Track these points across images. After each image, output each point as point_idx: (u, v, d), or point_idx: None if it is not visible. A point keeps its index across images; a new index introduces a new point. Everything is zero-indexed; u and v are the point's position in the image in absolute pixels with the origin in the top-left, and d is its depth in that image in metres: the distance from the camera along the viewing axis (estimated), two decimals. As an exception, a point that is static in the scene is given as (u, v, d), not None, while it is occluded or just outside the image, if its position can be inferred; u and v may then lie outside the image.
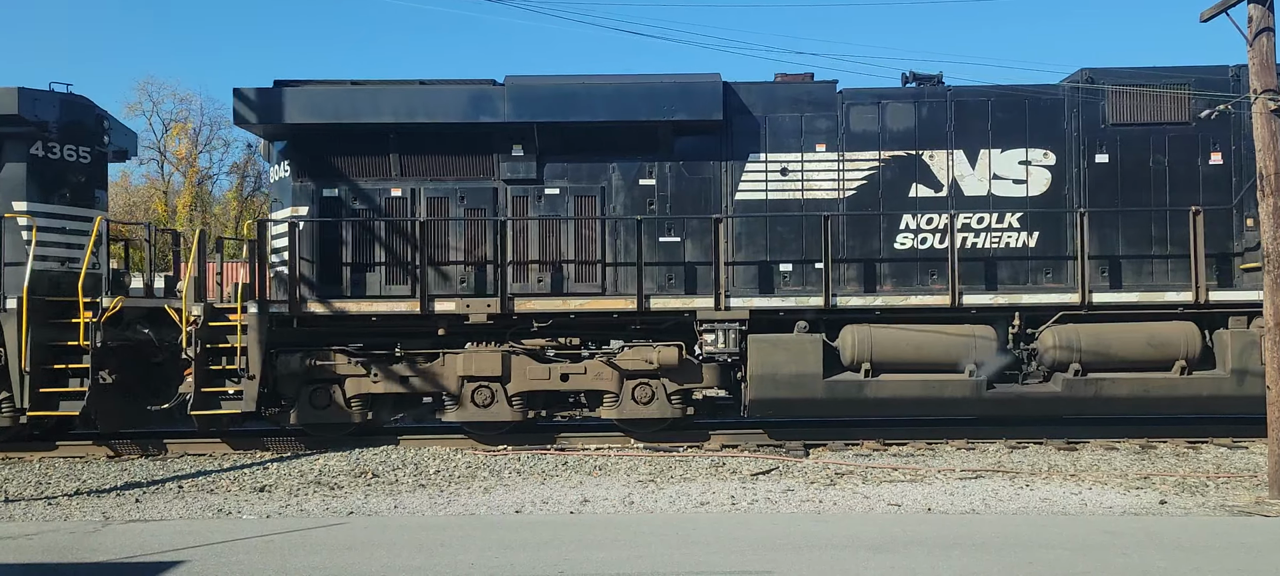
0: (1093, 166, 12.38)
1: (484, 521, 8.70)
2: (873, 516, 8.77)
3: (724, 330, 12.05)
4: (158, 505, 9.62)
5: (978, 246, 12.35)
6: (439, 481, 10.68)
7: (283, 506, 9.46)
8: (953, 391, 11.95)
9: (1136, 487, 10.01)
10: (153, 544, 7.67)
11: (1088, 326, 11.96)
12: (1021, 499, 9.48)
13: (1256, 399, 11.73)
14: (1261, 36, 9.48)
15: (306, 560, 7.12)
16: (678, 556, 7.17)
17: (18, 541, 7.98)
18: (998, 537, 7.72)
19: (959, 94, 12.54)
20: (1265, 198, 9.56)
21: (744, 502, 9.38)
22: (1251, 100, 9.66)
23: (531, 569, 6.81)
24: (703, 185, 12.59)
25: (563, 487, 10.20)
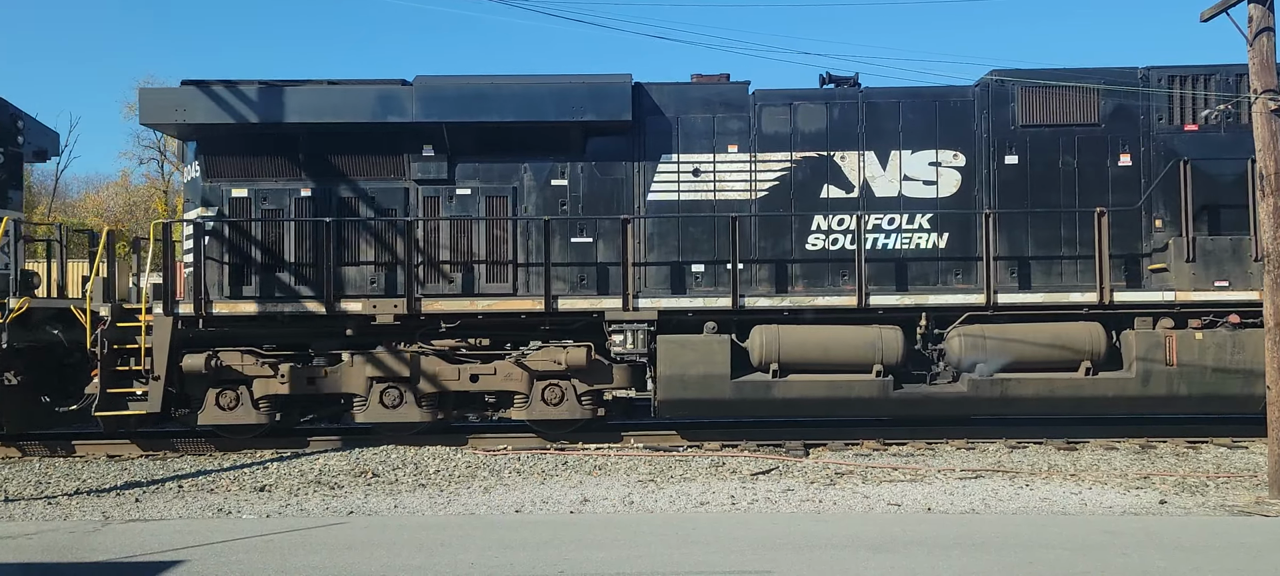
0: (1002, 167, 12.41)
1: (484, 521, 8.70)
2: (872, 516, 8.77)
3: (633, 331, 12.08)
4: (157, 505, 9.62)
5: (888, 247, 12.38)
6: (439, 481, 10.68)
7: (283, 506, 9.46)
8: (860, 391, 12.00)
9: (1136, 487, 10.01)
10: (152, 543, 7.67)
11: (994, 327, 12.01)
12: (1021, 498, 9.48)
13: (1160, 399, 11.91)
14: (1262, 36, 9.48)
15: (306, 559, 7.12)
16: (678, 556, 7.17)
17: (17, 541, 7.98)
18: (997, 537, 7.72)
19: (870, 95, 12.57)
20: (1265, 197, 9.56)
21: (744, 502, 9.38)
22: (1252, 100, 9.65)
23: (531, 568, 6.81)
24: (615, 186, 12.57)
25: (562, 487, 10.20)
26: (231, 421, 12.27)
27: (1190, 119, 12.34)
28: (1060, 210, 12.32)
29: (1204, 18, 10.24)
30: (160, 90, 12.33)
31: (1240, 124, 12.17)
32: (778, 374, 11.97)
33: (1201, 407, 12.33)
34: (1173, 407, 12.29)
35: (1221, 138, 12.29)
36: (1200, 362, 11.83)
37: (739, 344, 12.09)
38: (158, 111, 12.51)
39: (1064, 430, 12.64)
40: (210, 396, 12.22)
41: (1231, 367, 11.83)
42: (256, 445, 12.37)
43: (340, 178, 12.59)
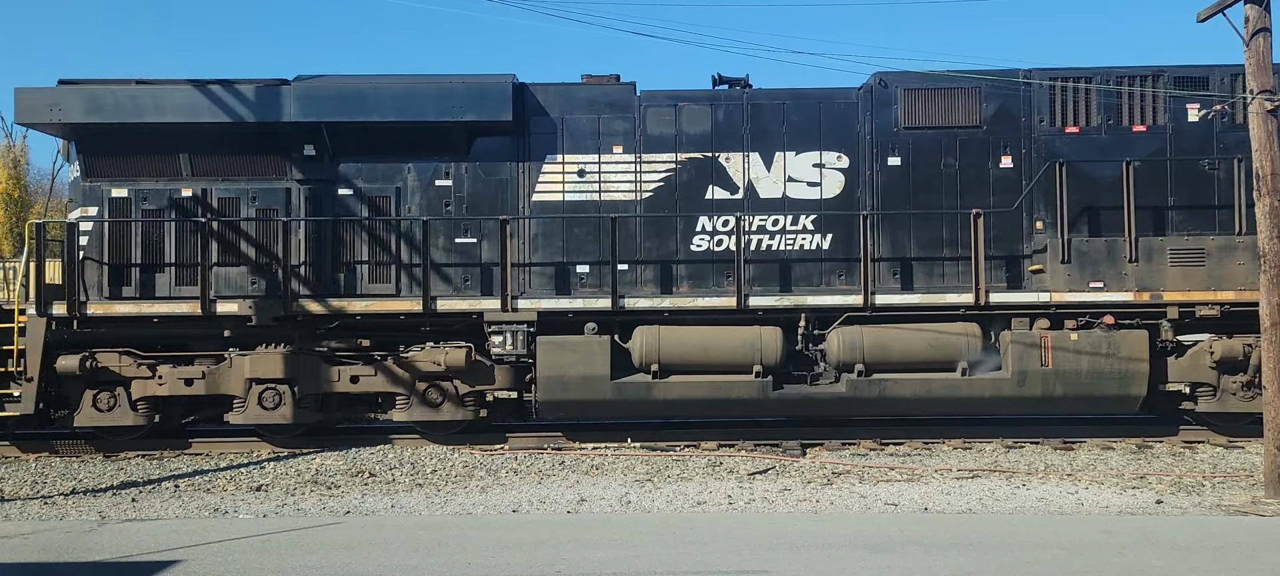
0: (885, 169, 12.40)
1: (481, 521, 8.70)
2: (869, 516, 8.78)
3: (512, 332, 12.06)
4: (154, 504, 9.61)
5: (773, 248, 12.36)
6: (436, 481, 10.68)
7: (279, 505, 9.45)
8: (740, 392, 12.01)
9: (1133, 487, 10.03)
10: (149, 543, 7.66)
11: (872, 328, 12.02)
12: (1018, 498, 9.49)
13: (1037, 399, 11.97)
14: (1258, 37, 9.49)
15: (303, 559, 7.12)
16: (675, 556, 7.17)
17: (14, 541, 7.97)
18: (994, 537, 7.73)
19: (755, 97, 12.55)
20: (1262, 198, 9.57)
21: (741, 502, 9.38)
22: (1248, 100, 9.66)
23: (529, 568, 6.81)
24: (500, 186, 12.49)
25: (560, 487, 10.20)
26: (109, 422, 12.15)
27: (1071, 121, 12.35)
28: (939, 212, 12.31)
29: (1201, 18, 10.24)
30: (35, 90, 12.12)
31: (1120, 126, 12.27)
32: (658, 375, 11.97)
33: (1078, 408, 12.34)
34: (1050, 408, 12.30)
35: (1102, 140, 12.29)
36: (1075, 364, 11.86)
37: (622, 345, 12.09)
38: (33, 111, 12.27)
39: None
40: (87, 398, 12.12)
41: (1106, 369, 11.87)
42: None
43: (221, 178, 12.49)
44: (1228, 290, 11.97)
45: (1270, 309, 9.50)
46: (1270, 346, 9.49)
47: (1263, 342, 9.63)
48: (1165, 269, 12.07)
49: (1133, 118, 12.29)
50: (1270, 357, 9.49)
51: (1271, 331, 9.48)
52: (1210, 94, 12.18)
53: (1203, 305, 11.95)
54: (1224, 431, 12.41)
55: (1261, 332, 9.66)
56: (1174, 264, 12.08)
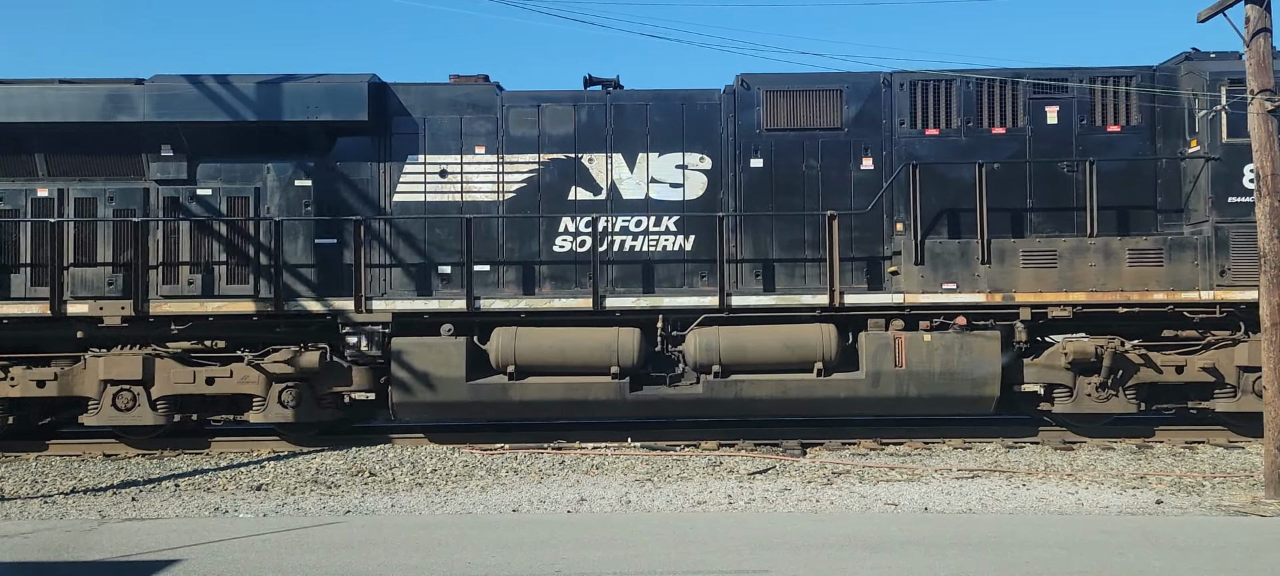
0: (748, 170, 12.35)
1: (481, 520, 8.70)
2: (869, 516, 8.78)
3: (367, 333, 12.05)
4: (154, 503, 9.61)
5: (635, 250, 12.32)
6: (436, 480, 10.68)
7: (279, 505, 9.45)
8: (597, 393, 12.00)
9: (1133, 487, 10.02)
10: (149, 542, 7.66)
11: (729, 329, 12.01)
12: (1018, 498, 9.48)
13: (891, 400, 12.04)
14: (1258, 37, 9.48)
15: (303, 559, 7.12)
16: (675, 555, 7.17)
17: (14, 539, 7.97)
18: (994, 537, 7.73)
19: (618, 98, 12.52)
20: (1262, 198, 9.57)
21: (741, 502, 9.38)
22: (1249, 100, 9.66)
23: (529, 568, 6.81)
24: (361, 186, 12.38)
25: (560, 486, 10.20)
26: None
27: (931, 123, 12.36)
28: (795, 213, 12.30)
29: (1201, 18, 10.24)
30: None
31: (980, 129, 12.30)
32: (515, 376, 11.96)
33: (933, 408, 12.33)
34: (905, 408, 12.27)
35: (962, 142, 12.30)
36: (928, 364, 11.87)
37: (480, 347, 12.10)
38: None
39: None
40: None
41: (959, 369, 11.90)
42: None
43: (78, 178, 12.33)
44: (1079, 291, 12.02)
45: (1270, 309, 9.50)
46: (1270, 347, 9.49)
47: (1263, 343, 9.63)
48: (1017, 270, 12.06)
49: (992, 120, 12.31)
50: (1270, 358, 9.49)
51: (1272, 331, 9.48)
52: (1068, 96, 12.25)
53: (1054, 307, 12.02)
54: (1080, 431, 12.49)
55: (1262, 332, 9.66)
56: (1026, 265, 12.08)
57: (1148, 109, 12.26)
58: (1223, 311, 11.98)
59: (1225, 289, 11.87)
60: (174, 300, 12.14)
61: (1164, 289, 11.98)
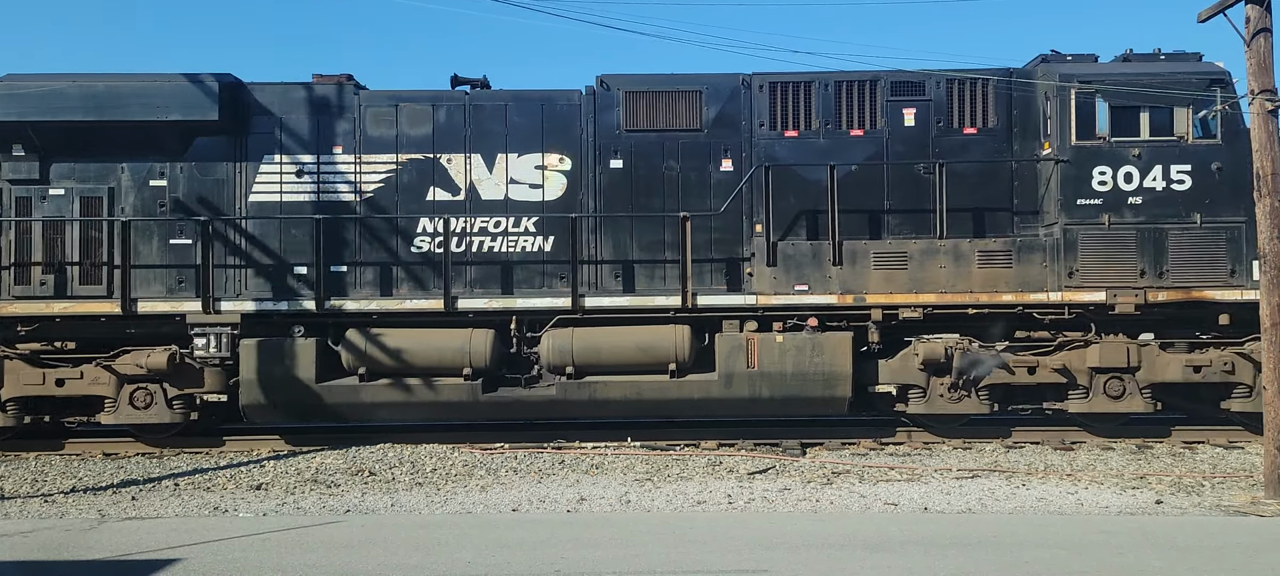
0: (607, 172, 12.33)
1: (481, 520, 8.70)
2: (869, 515, 8.78)
3: (216, 334, 11.98)
4: (154, 503, 9.61)
5: (494, 250, 12.27)
6: (436, 479, 10.68)
7: (279, 504, 9.45)
8: (449, 394, 11.99)
9: (1133, 487, 10.02)
10: (149, 541, 7.67)
11: (583, 331, 12.01)
12: (1018, 498, 9.49)
13: (745, 401, 12.07)
14: (1259, 37, 9.47)
15: (303, 558, 7.12)
16: (674, 555, 7.17)
17: (13, 538, 7.97)
18: (994, 537, 7.73)
19: (477, 98, 12.49)
20: (1263, 199, 9.56)
21: (741, 501, 9.38)
22: (1249, 100, 9.65)
23: (528, 567, 6.82)
24: (217, 186, 12.28)
25: (560, 486, 10.20)
26: None
27: (791, 125, 12.36)
28: (650, 215, 12.23)
29: (1201, 18, 10.23)
30: None
31: (839, 131, 12.32)
32: (366, 378, 11.92)
33: (786, 409, 12.35)
34: (759, 409, 12.26)
35: (820, 144, 12.30)
36: (780, 365, 11.89)
37: (334, 348, 12.05)
38: None
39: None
40: None
41: (811, 370, 11.91)
42: None
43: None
44: (929, 293, 12.04)
45: (1270, 309, 9.50)
46: (1271, 347, 9.49)
47: (1263, 343, 9.63)
48: (868, 272, 12.07)
49: (852, 122, 12.30)
50: (1271, 358, 9.49)
51: (1272, 331, 9.48)
52: (925, 99, 12.26)
53: (905, 308, 12.04)
54: (937, 432, 12.51)
55: (1262, 333, 9.66)
56: (877, 267, 12.09)
57: (1005, 111, 12.27)
58: (1071, 312, 12.03)
59: (1073, 290, 11.91)
60: (25, 301, 12.03)
61: (1012, 290, 12.00)
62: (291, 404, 12.09)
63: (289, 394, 11.94)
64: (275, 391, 11.92)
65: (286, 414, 12.32)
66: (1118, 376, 12.02)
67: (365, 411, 12.29)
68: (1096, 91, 11.91)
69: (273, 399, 11.96)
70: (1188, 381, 11.95)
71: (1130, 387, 12.02)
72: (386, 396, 12.05)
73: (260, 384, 11.86)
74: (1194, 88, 11.85)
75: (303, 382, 11.89)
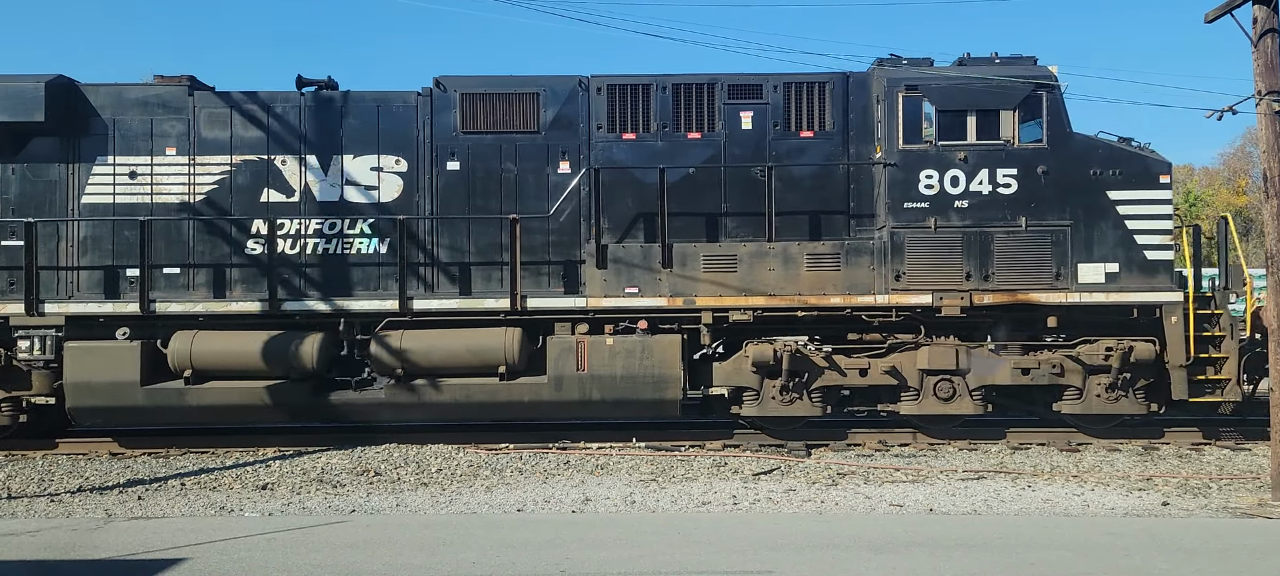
0: (444, 173, 12.35)
1: (486, 520, 8.71)
2: (874, 516, 8.77)
3: (40, 337, 11.97)
4: (160, 503, 9.63)
5: (329, 252, 12.27)
6: (441, 480, 10.69)
7: (285, 504, 9.47)
8: (278, 397, 12.00)
9: (1139, 489, 10.00)
10: (155, 541, 7.68)
11: (413, 333, 12.00)
12: (1023, 499, 9.47)
13: (574, 403, 12.09)
14: (1266, 38, 9.44)
15: (309, 558, 7.13)
16: (679, 556, 7.17)
17: (20, 538, 8.00)
18: (999, 538, 7.72)
19: (312, 100, 12.47)
20: (1270, 199, 9.53)
21: (746, 502, 9.38)
22: (1256, 101, 9.62)
23: (533, 568, 6.82)
24: (49, 188, 12.25)
25: (565, 486, 10.20)
26: None
27: (629, 127, 12.32)
28: (480, 216, 12.25)
29: (1208, 19, 10.21)
30: None
31: (677, 133, 12.28)
32: (193, 380, 11.90)
33: (617, 411, 12.36)
34: (591, 411, 12.32)
35: (658, 146, 12.28)
36: (610, 368, 11.92)
37: (162, 350, 12.02)
38: None
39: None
40: None
41: (641, 372, 11.91)
42: None
43: None
44: (759, 296, 12.05)
45: (1277, 310, 9.46)
46: (1278, 348, 9.46)
47: (1270, 345, 9.60)
48: (699, 275, 12.11)
49: (690, 125, 12.29)
50: (1278, 360, 9.46)
51: (1279, 333, 9.45)
52: (763, 102, 12.22)
53: (735, 310, 12.04)
54: (775, 434, 12.50)
55: (1269, 335, 9.63)
56: (707, 270, 12.11)
57: (842, 115, 12.27)
58: (899, 315, 12.07)
59: (900, 293, 11.96)
60: None
61: (841, 293, 12.04)
62: (116, 407, 12.01)
63: (113, 397, 11.90)
64: (100, 395, 11.89)
65: (110, 417, 12.26)
66: (948, 378, 12.05)
67: (192, 415, 12.24)
68: (923, 95, 11.96)
69: (98, 402, 11.94)
70: (1017, 383, 12.03)
71: (960, 389, 12.06)
72: (211, 399, 12.00)
73: (85, 387, 11.85)
74: (1020, 92, 11.91)
75: (127, 386, 11.84)
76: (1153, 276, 11.90)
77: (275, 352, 11.91)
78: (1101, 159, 11.99)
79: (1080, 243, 11.90)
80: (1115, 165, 11.96)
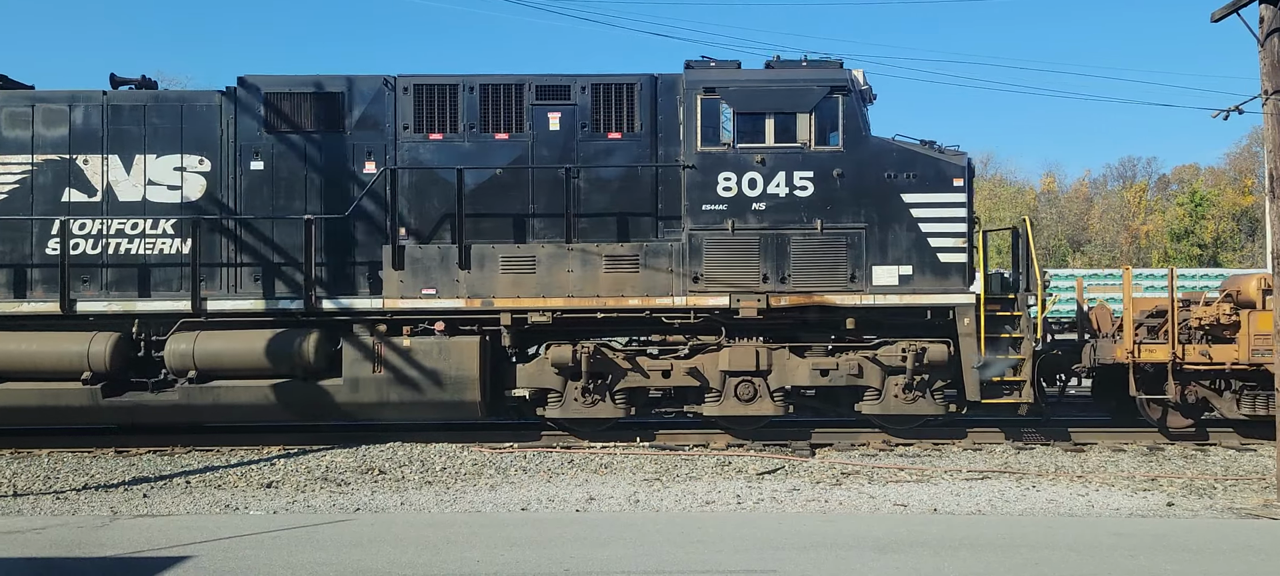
0: (248, 173, 12.30)
1: (490, 519, 8.72)
2: (878, 516, 8.76)
3: None
4: (166, 500, 9.66)
5: (132, 252, 12.24)
6: (445, 478, 10.71)
7: (290, 502, 9.49)
8: (70, 399, 11.89)
9: (1144, 489, 9.98)
10: (160, 539, 7.70)
11: (206, 334, 11.94)
12: (1028, 500, 9.46)
13: (371, 404, 12.03)
14: (1273, 37, 9.41)
15: (313, 556, 7.14)
16: (683, 555, 7.17)
17: (26, 535, 8.02)
18: (1004, 538, 7.71)
19: (115, 99, 12.41)
20: (1275, 200, 9.50)
21: (750, 502, 9.38)
22: (1263, 101, 9.59)
23: (537, 567, 6.82)
24: None
25: (569, 485, 10.21)
26: None
27: (436, 128, 12.28)
28: (281, 216, 12.19)
29: (1215, 18, 10.18)
30: None
31: (484, 134, 12.27)
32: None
33: (415, 413, 12.28)
34: (388, 413, 12.22)
35: (465, 147, 12.26)
36: (407, 369, 11.90)
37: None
38: None
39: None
40: None
41: (439, 374, 11.89)
42: None
43: None
44: (557, 297, 12.03)
45: None
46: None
47: (1276, 346, 9.57)
48: (497, 276, 12.07)
49: (497, 126, 12.27)
50: None
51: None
52: (570, 103, 12.20)
53: (534, 312, 12.02)
54: (582, 435, 12.52)
55: (1275, 336, 9.60)
56: (506, 271, 12.08)
57: (650, 117, 12.23)
58: (697, 317, 12.06)
59: (697, 295, 11.97)
60: None
61: (640, 295, 12.01)
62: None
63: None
64: None
65: None
66: (749, 380, 12.06)
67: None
68: (721, 98, 11.98)
69: None
70: (817, 384, 12.08)
71: (762, 391, 12.08)
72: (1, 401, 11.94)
73: None
74: (815, 95, 11.94)
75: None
76: (946, 278, 11.96)
77: (66, 354, 11.83)
78: (896, 162, 12.03)
79: (875, 245, 11.96)
80: (909, 168, 12.01)
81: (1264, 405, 11.96)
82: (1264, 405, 11.96)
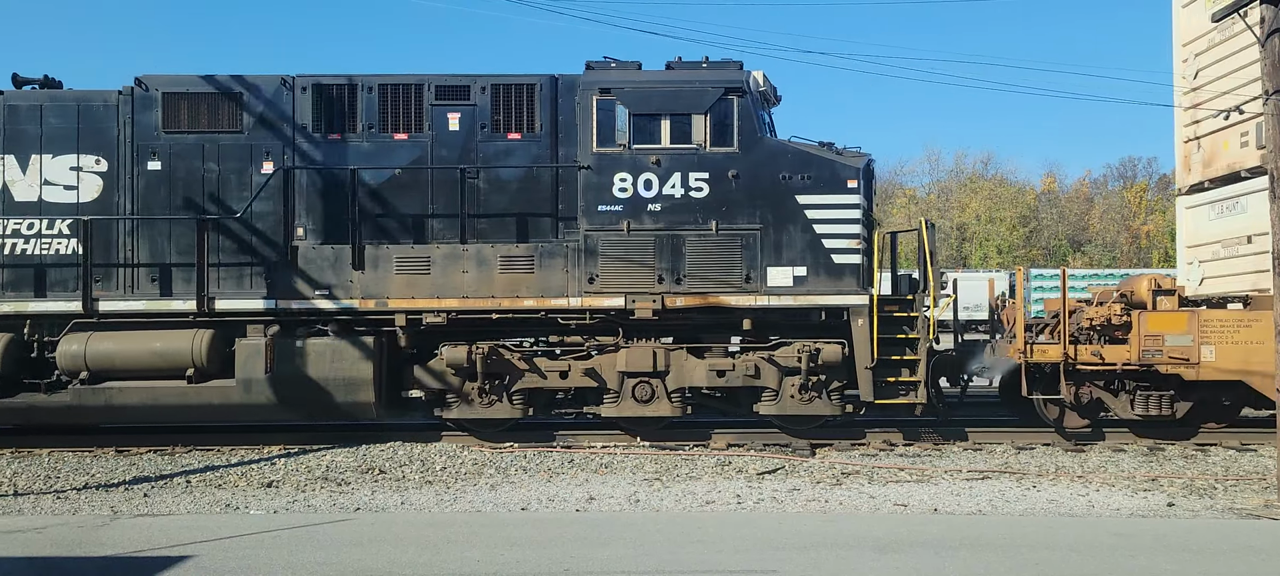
0: (145, 174, 12.22)
1: (490, 518, 8.72)
2: (879, 516, 8.76)
3: None
4: (166, 500, 9.66)
5: (28, 253, 12.17)
6: (445, 478, 10.71)
7: (290, 502, 9.49)
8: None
9: (1144, 489, 9.98)
10: (161, 538, 7.70)
11: (98, 335, 11.91)
12: (1028, 500, 9.45)
13: (265, 405, 12.01)
14: (1273, 37, 9.40)
15: (313, 556, 7.15)
16: (683, 555, 7.17)
17: (26, 534, 8.02)
18: (1004, 539, 7.70)
19: (11, 99, 12.35)
20: (1275, 200, 9.50)
21: (750, 502, 9.38)
22: (1264, 101, 9.59)
23: (537, 566, 6.83)
24: None
25: (569, 485, 10.21)
26: None
27: (334, 128, 12.26)
28: (175, 217, 12.15)
29: (1215, 18, 10.19)
30: None
31: (383, 134, 12.23)
32: None
33: (311, 414, 12.27)
34: (283, 414, 12.20)
35: (365, 147, 12.22)
36: (299, 370, 11.85)
37: None
38: None
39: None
40: None
41: (332, 375, 11.87)
42: None
43: None
44: (453, 298, 12.02)
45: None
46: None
47: (1277, 346, 9.57)
48: (391, 277, 12.06)
49: (397, 126, 12.23)
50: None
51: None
52: (470, 103, 12.18)
53: (429, 313, 12.01)
54: (482, 437, 12.50)
55: (1277, 335, 9.59)
56: (400, 271, 12.06)
57: (551, 118, 12.21)
58: (593, 317, 12.08)
59: (593, 296, 11.99)
60: None
61: (535, 295, 12.03)
62: None
63: None
64: None
65: None
66: (646, 381, 12.07)
67: None
68: (616, 99, 12.00)
69: None
70: (714, 385, 12.10)
71: (659, 392, 12.10)
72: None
73: None
74: (710, 96, 11.96)
75: None
76: (840, 280, 11.97)
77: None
78: (791, 163, 12.02)
79: (770, 246, 11.96)
80: (805, 170, 12.01)
81: (1157, 405, 12.02)
82: (1157, 405, 12.02)
